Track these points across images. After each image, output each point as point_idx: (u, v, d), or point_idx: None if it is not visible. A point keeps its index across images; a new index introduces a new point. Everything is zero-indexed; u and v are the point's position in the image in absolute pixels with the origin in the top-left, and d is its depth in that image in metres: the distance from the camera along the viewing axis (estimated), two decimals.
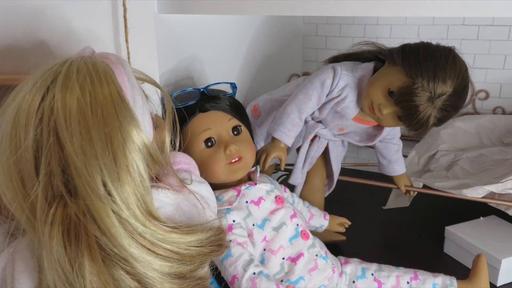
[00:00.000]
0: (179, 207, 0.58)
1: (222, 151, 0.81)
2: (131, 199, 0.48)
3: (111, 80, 0.52)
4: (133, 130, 0.51)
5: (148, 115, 0.57)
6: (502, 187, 0.97)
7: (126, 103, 0.52)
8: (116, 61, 0.56)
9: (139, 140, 0.51)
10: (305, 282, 0.79)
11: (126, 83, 0.54)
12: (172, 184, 0.59)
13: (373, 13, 0.73)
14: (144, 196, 0.50)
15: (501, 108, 1.36)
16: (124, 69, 0.56)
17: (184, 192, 0.60)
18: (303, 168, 1.04)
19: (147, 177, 0.51)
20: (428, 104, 0.79)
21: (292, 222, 0.83)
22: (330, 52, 1.27)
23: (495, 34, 1.31)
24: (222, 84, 0.92)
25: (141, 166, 0.51)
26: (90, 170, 0.47)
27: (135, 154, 0.50)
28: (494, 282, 0.92)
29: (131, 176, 0.49)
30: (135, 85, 0.56)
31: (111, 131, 0.49)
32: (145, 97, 0.59)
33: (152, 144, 0.54)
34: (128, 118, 0.51)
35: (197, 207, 0.61)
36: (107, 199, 0.47)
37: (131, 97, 0.54)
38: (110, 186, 0.47)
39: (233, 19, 1.17)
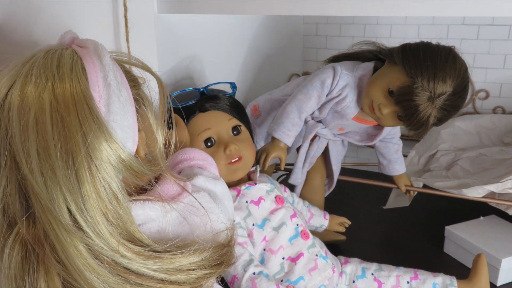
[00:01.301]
0: (172, 220, 0.51)
1: (222, 151, 0.81)
2: (100, 225, 0.43)
3: (77, 81, 0.45)
4: (102, 143, 0.44)
5: (132, 116, 0.49)
6: (502, 187, 0.97)
7: (93, 110, 0.44)
8: (94, 52, 0.48)
9: (110, 154, 0.44)
10: (305, 282, 0.79)
11: (98, 81, 0.46)
12: (167, 192, 0.52)
13: (373, 13, 0.73)
14: (119, 219, 0.44)
15: (501, 108, 1.36)
16: (101, 62, 0.48)
17: (183, 199, 0.52)
18: (303, 167, 1.04)
19: (123, 194, 0.45)
20: (428, 103, 0.79)
21: (292, 222, 0.83)
22: (330, 52, 1.26)
23: (495, 33, 1.31)
24: (222, 84, 0.92)
25: (114, 184, 0.44)
26: (51, 194, 0.41)
27: (104, 172, 0.43)
28: (494, 281, 0.92)
29: (101, 198, 0.43)
30: (112, 82, 0.47)
31: (73, 146, 0.42)
32: (130, 92, 0.50)
33: (131, 155, 0.47)
34: (95, 129, 0.43)
35: (202, 215, 0.53)
36: (71, 228, 0.41)
37: (103, 99, 0.46)
38: (75, 212, 0.42)
39: (233, 19, 1.17)
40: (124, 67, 0.53)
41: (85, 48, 0.49)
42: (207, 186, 0.59)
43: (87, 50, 0.49)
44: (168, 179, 0.53)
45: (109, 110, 0.46)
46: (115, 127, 0.46)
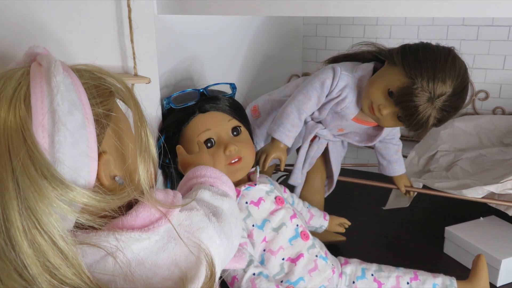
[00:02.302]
0: (141, 250, 0.46)
1: (222, 151, 0.81)
2: (40, 279, 0.39)
3: (14, 111, 0.40)
4: (38, 182, 0.39)
5: (87, 141, 0.44)
6: (502, 188, 0.97)
7: (29, 143, 0.39)
8: (45, 72, 0.44)
9: (50, 194, 0.39)
10: (305, 282, 0.79)
11: (43, 108, 0.41)
12: (142, 218, 0.47)
13: (373, 14, 0.73)
14: (60, 269, 0.40)
15: (501, 109, 1.36)
16: (49, 85, 0.43)
17: (159, 226, 0.47)
18: (303, 168, 1.04)
19: (66, 242, 0.40)
20: (428, 104, 0.79)
21: (292, 222, 0.83)
22: (330, 53, 1.26)
23: (495, 34, 1.31)
24: (221, 85, 0.92)
25: (55, 231, 0.39)
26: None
27: (42, 217, 0.39)
28: (494, 282, 0.92)
29: (40, 251, 0.38)
30: (59, 107, 0.42)
31: (2, 193, 0.38)
32: (88, 112, 0.45)
33: (83, 188, 0.42)
34: (28, 165, 0.39)
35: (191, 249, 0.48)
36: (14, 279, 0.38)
37: (47, 128, 0.41)
38: (16, 267, 0.38)
39: (233, 20, 1.17)
40: (97, 80, 0.49)
41: (41, 66, 0.45)
42: (213, 202, 0.57)
43: (40, 70, 0.44)
44: (145, 204, 0.48)
45: (53, 140, 0.41)
46: (62, 159, 0.41)
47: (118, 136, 0.49)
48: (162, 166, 0.87)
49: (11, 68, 0.46)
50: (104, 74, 0.50)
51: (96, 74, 0.50)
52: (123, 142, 0.50)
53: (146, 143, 0.50)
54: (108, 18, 0.74)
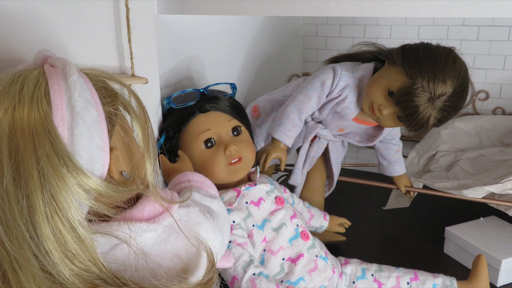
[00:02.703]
0: (148, 240, 0.49)
1: (222, 151, 0.81)
2: (63, 267, 0.41)
3: (36, 106, 0.43)
4: (60, 169, 0.42)
5: (101, 136, 0.47)
6: (502, 188, 0.97)
7: (52, 135, 0.42)
8: (61, 72, 0.47)
9: (70, 181, 0.42)
10: (305, 282, 0.79)
11: (62, 104, 0.44)
12: (147, 211, 0.50)
13: (373, 14, 0.73)
14: (82, 256, 0.42)
15: (501, 109, 1.36)
16: (66, 83, 0.46)
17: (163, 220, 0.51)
18: (303, 168, 1.04)
19: (83, 228, 0.43)
20: (428, 104, 0.79)
21: (292, 222, 0.83)
22: (330, 53, 1.26)
23: (495, 34, 1.31)
24: (222, 85, 0.92)
25: (74, 216, 0.42)
26: (10, 235, 0.40)
27: (62, 202, 0.41)
28: (494, 282, 0.92)
29: (60, 236, 0.41)
30: (77, 103, 0.45)
31: (25, 174, 0.40)
32: (100, 110, 0.48)
33: (99, 179, 0.45)
34: (52, 155, 0.41)
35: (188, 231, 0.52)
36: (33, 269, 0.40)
37: (66, 122, 0.44)
38: (37, 253, 0.40)
39: (233, 20, 1.17)
40: (104, 83, 0.52)
41: (54, 67, 0.48)
42: (204, 202, 0.60)
43: (55, 70, 0.47)
44: (149, 198, 0.51)
45: (72, 133, 0.44)
46: (79, 151, 0.44)
47: (126, 133, 0.52)
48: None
49: (23, 69, 0.48)
50: (108, 78, 0.53)
51: (102, 78, 0.53)
52: (130, 139, 0.53)
53: (153, 142, 0.53)
54: (106, 18, 0.74)
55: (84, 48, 0.71)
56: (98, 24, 0.73)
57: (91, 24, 0.72)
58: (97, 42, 0.74)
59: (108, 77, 0.53)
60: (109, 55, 0.76)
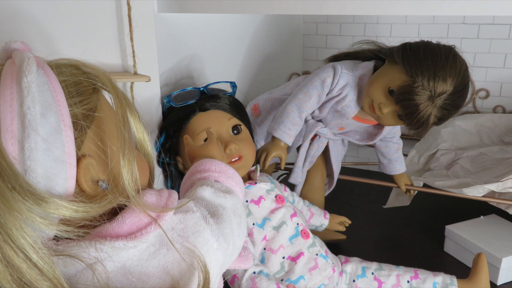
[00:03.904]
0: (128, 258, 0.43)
1: (222, 150, 0.81)
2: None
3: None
4: (5, 193, 0.36)
5: (62, 146, 0.41)
6: (503, 186, 0.97)
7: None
8: (18, 70, 0.41)
9: (19, 206, 0.37)
10: (305, 281, 0.79)
11: (12, 112, 0.39)
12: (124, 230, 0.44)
13: (374, 12, 0.73)
14: (37, 283, 0.37)
15: (502, 107, 1.36)
16: (19, 85, 0.40)
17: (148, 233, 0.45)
18: (303, 167, 1.04)
19: (39, 256, 0.38)
20: (429, 103, 0.79)
21: (292, 221, 0.83)
22: (330, 51, 1.27)
23: (496, 32, 1.31)
24: (222, 83, 0.92)
25: (29, 247, 0.37)
26: None
27: (12, 230, 0.36)
28: (494, 281, 0.92)
29: (12, 268, 0.36)
30: (29, 110, 0.39)
31: None
32: (65, 114, 0.42)
33: (58, 197, 0.40)
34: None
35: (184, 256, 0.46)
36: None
37: (16, 134, 0.38)
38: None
39: (233, 18, 1.17)
40: (79, 76, 0.46)
41: (12, 65, 0.42)
42: (215, 200, 0.54)
43: (13, 68, 0.41)
44: (133, 209, 0.45)
45: (23, 147, 0.38)
46: (33, 167, 0.39)
47: (100, 138, 0.46)
48: (163, 164, 0.87)
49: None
50: (89, 68, 0.47)
51: (80, 70, 0.47)
52: (105, 143, 0.46)
53: (129, 144, 0.46)
54: (108, 16, 0.74)
55: (85, 46, 0.71)
56: (100, 23, 0.73)
57: (93, 22, 0.72)
58: (99, 41, 0.74)
59: (88, 67, 0.47)
60: (111, 54, 0.76)
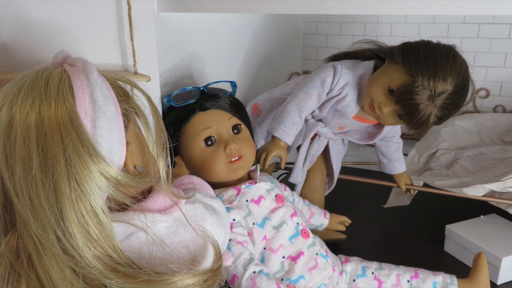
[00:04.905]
0: (160, 231, 0.52)
1: (222, 149, 0.81)
2: (85, 250, 0.43)
3: (63, 100, 0.46)
4: (84, 157, 0.45)
5: (119, 130, 0.50)
6: (503, 186, 0.97)
7: (77, 126, 0.46)
8: (82, 70, 0.50)
9: (93, 168, 0.45)
10: (305, 281, 0.79)
11: (85, 98, 0.48)
12: (157, 203, 0.53)
13: (374, 11, 0.73)
14: (102, 241, 0.45)
15: (502, 107, 1.36)
16: (88, 79, 0.49)
17: (173, 212, 0.54)
18: (304, 166, 1.04)
19: (104, 214, 0.46)
20: (429, 102, 0.79)
21: (292, 220, 0.83)
22: (331, 51, 1.26)
23: (496, 32, 1.31)
24: (222, 83, 0.92)
25: (96, 202, 0.45)
26: (34, 215, 0.42)
27: (85, 186, 0.44)
28: (494, 280, 0.92)
29: (83, 221, 0.44)
30: (98, 98, 0.49)
31: (53, 160, 0.43)
32: (117, 106, 0.51)
33: (117, 168, 0.48)
34: (77, 143, 0.45)
35: (194, 225, 0.55)
36: (57, 252, 0.43)
37: (89, 115, 0.47)
38: (61, 237, 0.43)
39: (233, 18, 1.17)
40: (114, 83, 0.55)
41: (75, 66, 0.51)
42: (206, 201, 0.62)
43: (76, 68, 0.50)
44: (160, 192, 0.54)
45: (94, 125, 0.47)
46: (101, 142, 0.47)
47: (132, 132, 0.55)
48: None
49: (43, 68, 0.51)
50: (120, 80, 0.56)
51: (115, 79, 0.56)
52: (142, 136, 0.56)
53: (165, 138, 0.57)
54: (108, 15, 0.74)
55: (86, 45, 0.71)
56: (100, 22, 0.73)
57: (93, 21, 0.72)
58: (99, 40, 0.74)
59: (119, 78, 0.56)
60: (111, 53, 0.76)
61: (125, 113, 0.53)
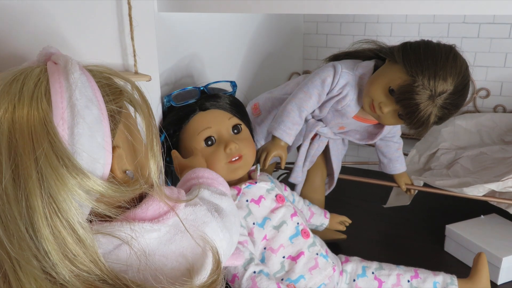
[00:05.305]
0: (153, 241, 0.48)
1: (222, 149, 0.81)
2: (64, 268, 0.41)
3: (36, 105, 0.43)
4: (59, 169, 0.41)
5: (102, 135, 0.46)
6: (503, 185, 0.97)
7: (51, 135, 0.42)
8: (63, 70, 0.46)
9: (69, 181, 0.41)
10: (305, 280, 0.79)
11: (63, 103, 0.44)
12: (152, 211, 0.50)
13: (374, 11, 0.73)
14: (83, 258, 0.42)
15: (502, 106, 1.36)
16: (67, 81, 0.45)
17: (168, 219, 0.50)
18: (304, 166, 1.04)
19: (84, 229, 0.42)
20: (429, 102, 0.79)
21: (293, 220, 0.83)
22: (331, 50, 1.26)
23: (496, 32, 1.31)
24: (222, 83, 0.92)
25: (73, 217, 0.41)
26: (10, 236, 0.40)
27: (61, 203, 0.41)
28: (494, 280, 0.92)
29: (59, 237, 0.41)
30: (78, 102, 0.45)
31: (24, 174, 0.40)
32: (102, 108, 0.47)
33: (99, 179, 0.44)
34: (50, 154, 0.41)
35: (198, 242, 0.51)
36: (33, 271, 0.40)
37: (66, 121, 0.43)
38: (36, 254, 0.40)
39: (233, 18, 1.17)
40: (108, 80, 0.51)
41: (57, 65, 0.47)
42: (213, 200, 0.60)
43: (57, 67, 0.47)
44: (154, 198, 0.50)
45: (72, 132, 0.43)
46: (80, 150, 0.44)
47: (129, 132, 0.52)
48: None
49: (26, 67, 0.48)
50: (113, 75, 0.52)
51: (106, 74, 0.52)
52: (134, 137, 0.53)
53: (157, 139, 0.52)
54: (109, 15, 0.74)
55: (86, 45, 0.71)
56: (100, 22, 0.73)
57: (93, 21, 0.72)
58: (100, 40, 0.74)
59: (113, 74, 0.52)
60: (111, 53, 0.76)
61: (112, 115, 0.49)
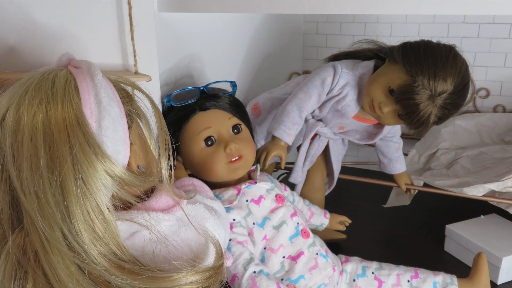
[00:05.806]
0: (163, 230, 0.53)
1: (222, 149, 0.81)
2: (90, 246, 0.45)
3: (69, 100, 0.48)
4: (90, 156, 0.46)
5: (123, 130, 0.51)
6: (503, 185, 0.97)
7: (83, 125, 0.47)
8: (87, 72, 0.52)
9: (98, 166, 0.46)
10: (305, 280, 0.79)
11: (90, 99, 0.49)
12: (160, 203, 0.54)
13: (374, 11, 0.73)
14: (107, 238, 0.46)
15: (502, 106, 1.36)
16: (93, 81, 0.51)
17: (175, 212, 0.55)
18: (304, 166, 1.04)
19: (110, 211, 0.47)
20: (429, 102, 0.79)
21: (293, 220, 0.83)
22: (331, 50, 1.26)
23: (496, 32, 1.31)
24: (222, 83, 0.92)
25: (102, 199, 0.46)
26: (41, 212, 0.43)
27: (91, 185, 0.45)
28: (494, 280, 0.92)
29: (89, 219, 0.45)
30: (103, 99, 0.50)
31: (59, 159, 0.45)
32: (121, 107, 0.53)
33: (122, 167, 0.49)
34: (83, 142, 0.46)
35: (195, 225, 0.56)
36: (62, 249, 0.44)
37: (94, 115, 0.49)
38: (67, 234, 0.44)
39: (233, 18, 1.17)
40: (118, 84, 0.56)
41: (79, 68, 0.52)
42: (206, 202, 0.63)
43: (81, 70, 0.52)
44: (162, 192, 0.55)
45: (100, 125, 0.49)
46: (106, 141, 0.48)
47: (135, 133, 0.56)
48: None
49: (49, 70, 0.52)
50: (123, 82, 0.58)
51: (118, 81, 0.57)
52: (140, 137, 0.57)
53: (168, 139, 0.58)
54: (109, 15, 0.74)
55: (86, 45, 0.71)
56: (101, 22, 0.73)
57: (93, 21, 0.72)
58: (100, 40, 0.74)
59: (123, 81, 0.58)
60: (112, 53, 0.76)
61: (129, 114, 0.54)
